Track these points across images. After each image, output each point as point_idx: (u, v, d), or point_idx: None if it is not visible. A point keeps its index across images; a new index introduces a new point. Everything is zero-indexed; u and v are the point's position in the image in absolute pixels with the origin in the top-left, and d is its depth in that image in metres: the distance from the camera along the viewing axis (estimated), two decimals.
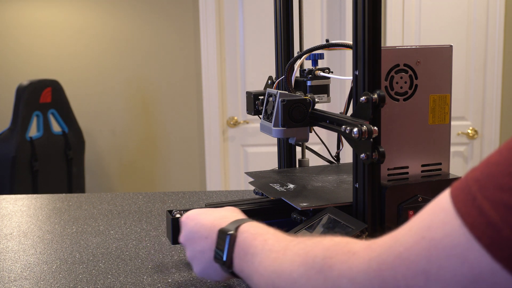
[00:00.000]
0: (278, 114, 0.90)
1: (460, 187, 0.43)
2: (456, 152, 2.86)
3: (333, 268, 0.50)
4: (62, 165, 3.04)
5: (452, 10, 2.77)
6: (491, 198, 0.39)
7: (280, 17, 1.11)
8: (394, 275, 0.44)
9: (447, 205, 0.43)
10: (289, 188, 0.93)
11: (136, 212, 1.32)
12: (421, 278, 0.42)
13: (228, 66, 3.02)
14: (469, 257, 0.39)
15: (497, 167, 0.40)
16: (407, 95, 0.83)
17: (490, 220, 0.39)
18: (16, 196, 1.53)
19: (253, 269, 0.61)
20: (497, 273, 0.38)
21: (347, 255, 0.49)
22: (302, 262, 0.54)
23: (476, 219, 0.39)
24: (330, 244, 0.53)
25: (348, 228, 0.76)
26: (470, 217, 0.40)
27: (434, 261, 0.41)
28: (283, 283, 0.55)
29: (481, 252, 0.39)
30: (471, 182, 0.42)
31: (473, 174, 0.42)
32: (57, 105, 3.00)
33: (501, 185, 0.39)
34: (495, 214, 0.39)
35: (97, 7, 3.13)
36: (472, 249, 0.39)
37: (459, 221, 0.41)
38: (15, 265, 0.99)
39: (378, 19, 0.75)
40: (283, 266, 0.56)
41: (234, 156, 3.11)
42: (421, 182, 0.82)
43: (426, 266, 0.42)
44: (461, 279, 0.40)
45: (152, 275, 0.92)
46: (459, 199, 0.42)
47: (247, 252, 0.63)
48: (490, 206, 0.39)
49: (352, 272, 0.48)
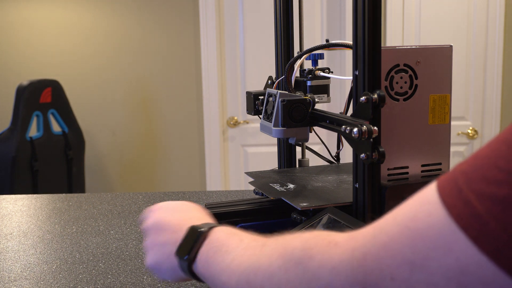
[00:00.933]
0: (278, 114, 0.90)
1: (447, 179, 0.42)
2: (456, 152, 2.86)
3: (313, 258, 0.48)
4: (62, 165, 3.04)
5: (452, 10, 2.77)
6: (477, 190, 0.39)
7: (280, 17, 1.11)
8: (379, 265, 0.43)
9: (432, 196, 0.42)
10: (289, 188, 0.93)
11: (136, 212, 1.32)
12: (406, 269, 0.42)
13: (228, 66, 3.02)
14: (455, 248, 0.39)
15: (484, 160, 0.40)
16: (407, 95, 0.83)
17: (475, 212, 0.38)
18: (16, 196, 1.53)
19: (223, 267, 0.58)
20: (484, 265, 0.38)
21: (328, 246, 0.48)
22: (280, 254, 0.52)
23: (462, 210, 0.39)
24: (310, 236, 0.51)
25: (348, 228, 0.76)
26: (455, 209, 0.40)
27: (419, 251, 0.41)
28: (259, 279, 0.53)
29: (467, 244, 0.38)
30: (458, 174, 0.41)
31: (461, 167, 0.42)
32: (57, 105, 3.00)
33: (487, 178, 0.39)
34: (481, 207, 0.38)
35: (97, 7, 3.13)
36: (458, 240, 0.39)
37: (444, 212, 0.40)
38: (15, 265, 0.99)
39: (378, 19, 0.75)
40: (260, 261, 0.54)
41: (234, 156, 3.11)
42: (421, 182, 0.82)
43: (411, 256, 0.41)
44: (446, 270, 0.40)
45: (152, 275, 0.92)
46: (446, 191, 0.41)
47: (219, 249, 0.61)
48: (476, 198, 0.39)
49: (333, 262, 0.46)
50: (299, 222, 0.85)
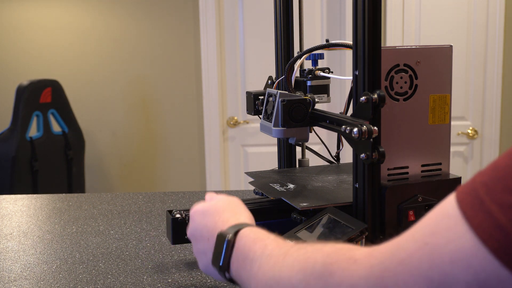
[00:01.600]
0: (278, 114, 0.90)
1: (466, 191, 0.42)
2: (456, 152, 2.86)
3: (333, 274, 0.49)
4: (62, 165, 3.04)
5: (452, 10, 2.77)
6: (500, 201, 0.38)
7: (280, 17, 1.11)
8: (396, 281, 0.43)
9: (452, 209, 0.41)
10: (289, 188, 0.93)
11: (136, 212, 1.32)
12: (424, 285, 0.41)
13: (228, 66, 3.02)
14: (474, 263, 0.38)
15: (505, 170, 0.39)
16: (407, 95, 0.83)
17: (498, 223, 0.38)
18: (16, 196, 1.53)
19: (251, 274, 0.60)
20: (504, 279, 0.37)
21: (348, 262, 0.49)
22: (302, 268, 0.53)
23: (484, 222, 0.38)
24: (331, 250, 0.52)
25: (348, 228, 0.76)
26: (477, 220, 0.39)
27: (437, 267, 0.40)
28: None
29: (488, 257, 0.38)
30: (478, 186, 0.41)
31: (480, 178, 0.41)
32: (57, 105, 3.00)
33: (510, 188, 0.38)
34: (504, 217, 0.38)
35: (97, 8, 3.13)
36: (478, 254, 0.38)
37: (465, 225, 0.40)
38: (15, 265, 0.99)
39: (378, 19, 0.75)
40: (282, 271, 0.55)
41: (234, 156, 3.11)
42: (421, 182, 0.82)
43: (429, 272, 0.41)
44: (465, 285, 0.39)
45: (152, 275, 0.92)
46: (466, 202, 0.41)
47: (246, 256, 0.62)
48: (499, 209, 0.38)
49: (353, 279, 0.47)
50: (299, 222, 0.85)
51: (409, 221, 0.80)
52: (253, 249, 0.62)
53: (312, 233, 0.80)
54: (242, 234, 0.65)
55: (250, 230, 0.66)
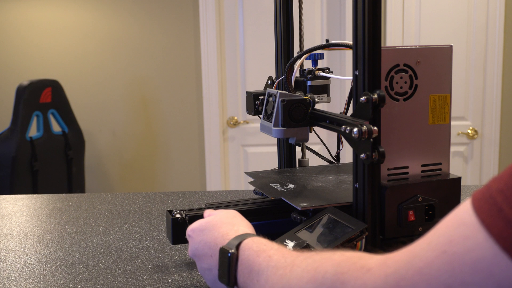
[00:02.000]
0: (278, 114, 0.90)
1: (483, 198, 0.41)
2: (456, 152, 2.86)
3: (345, 284, 0.48)
4: (62, 165, 3.05)
5: (452, 10, 2.77)
6: None
7: (280, 17, 1.11)
8: None
9: (469, 217, 0.41)
10: (289, 188, 0.93)
11: (136, 212, 1.32)
12: None
13: (228, 66, 3.02)
14: (496, 271, 0.38)
15: None
16: (407, 95, 0.83)
17: None
18: (16, 196, 1.53)
19: (259, 287, 0.59)
20: None
21: (360, 271, 0.47)
22: (311, 278, 0.51)
23: (504, 230, 0.38)
24: (341, 259, 0.51)
25: (348, 228, 0.76)
26: (496, 228, 0.38)
27: (457, 276, 0.40)
28: None
29: (510, 265, 0.37)
30: (495, 193, 0.40)
31: (497, 185, 0.40)
32: (57, 105, 3.00)
33: None
34: None
35: (97, 7, 3.13)
36: (499, 262, 0.38)
37: (484, 233, 0.39)
38: (15, 265, 0.99)
39: (378, 19, 0.75)
40: (291, 283, 0.54)
41: (234, 156, 3.11)
42: (421, 182, 0.82)
43: (448, 281, 0.40)
44: None
45: (152, 275, 0.92)
46: (483, 210, 0.40)
47: (252, 269, 0.62)
48: None
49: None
50: (299, 222, 0.85)
51: (409, 221, 0.80)
52: (257, 261, 0.61)
53: (312, 233, 0.80)
54: (244, 247, 0.65)
55: (252, 241, 0.66)
